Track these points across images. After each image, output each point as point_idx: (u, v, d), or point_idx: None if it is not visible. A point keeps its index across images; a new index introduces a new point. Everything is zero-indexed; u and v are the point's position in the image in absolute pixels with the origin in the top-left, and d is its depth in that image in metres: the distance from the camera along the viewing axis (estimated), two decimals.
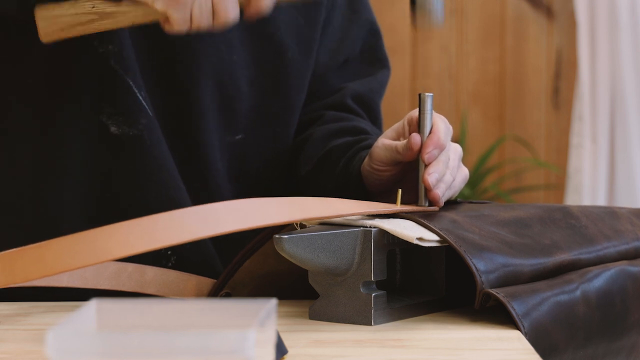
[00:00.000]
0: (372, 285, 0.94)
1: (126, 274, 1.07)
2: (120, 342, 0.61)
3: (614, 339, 0.98)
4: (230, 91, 1.20)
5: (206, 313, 0.70)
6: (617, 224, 1.08)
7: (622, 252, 1.05)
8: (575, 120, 3.24)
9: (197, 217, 0.87)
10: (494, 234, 0.98)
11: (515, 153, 3.35)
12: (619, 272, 1.00)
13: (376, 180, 1.11)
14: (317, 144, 1.24)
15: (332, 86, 1.31)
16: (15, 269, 0.89)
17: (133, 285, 1.07)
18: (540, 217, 1.04)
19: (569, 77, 3.34)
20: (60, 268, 0.87)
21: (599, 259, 1.02)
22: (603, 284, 0.98)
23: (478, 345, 0.86)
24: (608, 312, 0.97)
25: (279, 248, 0.90)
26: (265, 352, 0.66)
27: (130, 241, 0.85)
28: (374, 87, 1.32)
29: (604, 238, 1.04)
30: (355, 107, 1.30)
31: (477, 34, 3.36)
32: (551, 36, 3.35)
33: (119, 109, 1.14)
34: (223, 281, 1.05)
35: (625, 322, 0.99)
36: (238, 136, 1.22)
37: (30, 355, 0.83)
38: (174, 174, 1.16)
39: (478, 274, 0.92)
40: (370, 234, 0.93)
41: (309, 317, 0.97)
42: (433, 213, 1.01)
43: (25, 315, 1.00)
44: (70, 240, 0.87)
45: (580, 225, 1.05)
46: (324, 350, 0.85)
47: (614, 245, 1.05)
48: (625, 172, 3.17)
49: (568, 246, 1.01)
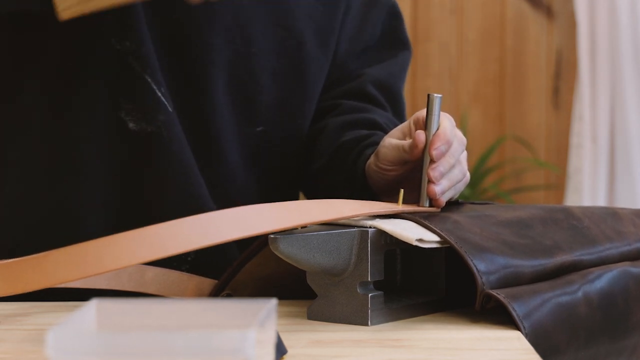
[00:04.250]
0: (369, 286, 0.94)
1: (126, 274, 1.07)
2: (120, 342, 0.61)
3: (616, 339, 0.98)
4: (248, 84, 1.20)
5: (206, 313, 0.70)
6: (619, 225, 1.07)
7: (625, 253, 1.04)
8: (575, 120, 3.24)
9: (196, 226, 0.86)
10: (495, 234, 0.98)
11: (515, 153, 3.35)
12: (621, 273, 0.99)
13: (381, 180, 1.11)
14: (329, 138, 1.23)
15: (352, 72, 1.30)
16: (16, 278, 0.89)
17: (133, 285, 1.07)
18: (542, 217, 1.04)
19: (569, 77, 3.34)
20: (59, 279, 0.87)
21: (600, 260, 1.02)
22: (605, 284, 0.97)
23: (478, 345, 0.86)
24: (610, 312, 0.97)
25: (274, 248, 0.90)
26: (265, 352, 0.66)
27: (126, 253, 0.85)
28: (394, 70, 1.31)
29: (606, 239, 1.04)
30: (376, 93, 1.29)
31: (477, 34, 3.36)
32: (551, 36, 3.35)
33: (138, 105, 1.13)
34: (224, 282, 1.05)
35: (627, 323, 0.99)
36: (259, 128, 1.21)
37: (30, 355, 0.83)
38: (193, 169, 1.15)
39: (479, 275, 0.92)
40: (366, 234, 0.93)
41: (307, 317, 0.97)
42: (434, 213, 1.01)
43: (25, 315, 1.00)
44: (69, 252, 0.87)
45: (582, 226, 1.05)
46: (324, 350, 0.85)
47: (616, 246, 1.04)
48: (625, 172, 3.17)
49: (570, 247, 1.00)
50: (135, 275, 1.07)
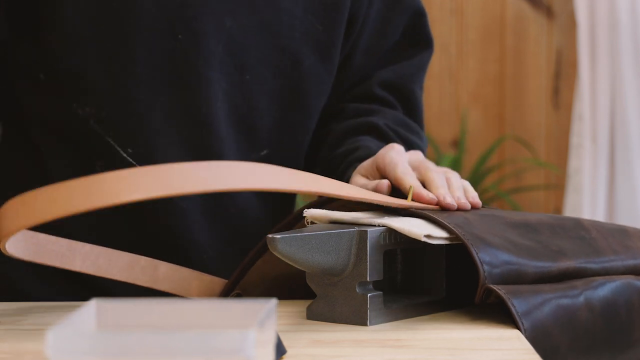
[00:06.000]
0: (369, 286, 0.94)
1: (139, 267, 1.07)
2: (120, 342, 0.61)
3: (618, 351, 0.97)
4: (246, 111, 1.19)
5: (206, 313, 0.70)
6: (627, 241, 1.06)
7: (630, 267, 1.03)
8: (575, 120, 3.24)
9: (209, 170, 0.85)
10: (501, 233, 0.97)
11: (515, 153, 3.35)
12: (625, 285, 0.99)
13: None
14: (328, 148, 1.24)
15: (364, 76, 1.29)
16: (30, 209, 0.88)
17: (146, 279, 1.07)
18: (550, 224, 1.03)
19: (569, 77, 3.34)
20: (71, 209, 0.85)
21: (605, 270, 1.01)
22: (608, 293, 0.97)
23: (478, 345, 0.86)
24: (612, 321, 0.96)
25: (272, 248, 0.90)
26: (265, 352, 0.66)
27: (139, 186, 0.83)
28: (408, 72, 1.30)
29: (612, 252, 1.03)
30: (385, 94, 1.28)
31: (477, 34, 3.36)
32: (551, 36, 3.35)
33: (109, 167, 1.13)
34: (234, 282, 1.05)
35: (630, 336, 0.98)
36: (263, 152, 1.21)
37: (30, 355, 0.83)
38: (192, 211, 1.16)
39: (482, 267, 0.92)
40: (365, 235, 0.93)
41: (306, 317, 0.97)
42: (444, 210, 1.01)
43: (25, 315, 1.00)
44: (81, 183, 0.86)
45: (590, 238, 1.04)
46: (324, 350, 0.85)
47: (622, 259, 1.03)
48: (625, 172, 3.17)
49: (575, 255, 1.00)
50: (149, 269, 1.07)
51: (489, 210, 1.06)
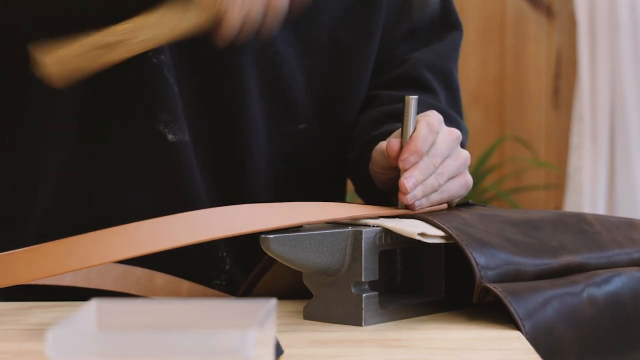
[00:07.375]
0: (364, 286, 0.94)
1: (134, 278, 1.06)
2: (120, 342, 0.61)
3: (627, 349, 0.96)
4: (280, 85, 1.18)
5: (206, 313, 0.70)
6: (632, 233, 1.04)
7: (635, 259, 1.01)
8: (575, 120, 3.24)
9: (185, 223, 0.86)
10: (500, 232, 0.97)
11: (515, 153, 3.35)
12: (631, 278, 0.97)
13: (379, 181, 1.10)
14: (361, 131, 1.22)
15: (397, 58, 1.27)
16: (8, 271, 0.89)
17: (141, 289, 1.06)
18: (552, 220, 1.02)
19: (569, 77, 3.34)
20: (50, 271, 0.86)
21: (609, 264, 0.99)
22: (612, 287, 0.95)
23: (478, 345, 0.86)
24: (618, 316, 0.95)
25: (265, 248, 0.90)
26: (265, 352, 0.66)
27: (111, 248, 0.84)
28: (443, 51, 1.28)
29: (616, 245, 1.01)
30: (429, 77, 1.26)
31: (477, 34, 3.36)
32: (551, 36, 3.35)
33: (173, 117, 1.12)
34: (242, 296, 1.04)
35: (638, 332, 0.96)
36: (301, 126, 1.20)
37: (30, 355, 0.83)
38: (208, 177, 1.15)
39: (477, 268, 0.91)
40: (360, 235, 0.93)
41: (303, 317, 0.97)
42: (440, 212, 1.01)
43: (25, 315, 1.00)
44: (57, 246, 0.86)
45: (593, 232, 1.02)
46: (323, 350, 0.85)
47: (627, 252, 1.01)
48: (625, 172, 3.17)
49: (576, 249, 0.98)
50: (144, 280, 1.07)
51: (489, 209, 1.05)
